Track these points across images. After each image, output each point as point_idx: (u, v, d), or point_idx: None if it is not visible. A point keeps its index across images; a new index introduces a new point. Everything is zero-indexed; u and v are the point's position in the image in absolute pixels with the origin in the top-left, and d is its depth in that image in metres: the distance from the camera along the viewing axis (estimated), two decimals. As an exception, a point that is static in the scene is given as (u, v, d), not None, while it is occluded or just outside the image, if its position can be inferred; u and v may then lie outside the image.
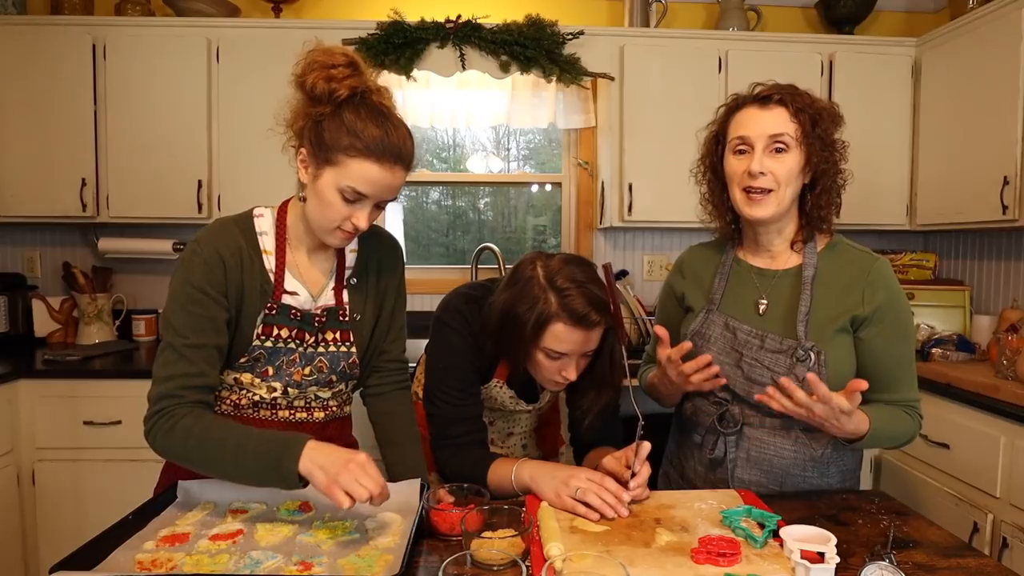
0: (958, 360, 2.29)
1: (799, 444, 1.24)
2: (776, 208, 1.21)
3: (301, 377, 1.19)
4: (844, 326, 1.20)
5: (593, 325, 1.19)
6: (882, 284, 1.21)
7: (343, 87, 1.07)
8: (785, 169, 1.19)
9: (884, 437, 1.21)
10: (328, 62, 1.07)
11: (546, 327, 1.19)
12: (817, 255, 1.25)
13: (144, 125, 2.49)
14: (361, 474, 0.96)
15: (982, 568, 0.96)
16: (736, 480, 1.27)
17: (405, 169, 1.12)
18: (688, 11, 2.97)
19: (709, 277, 1.35)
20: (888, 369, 1.22)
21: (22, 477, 2.19)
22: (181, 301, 1.10)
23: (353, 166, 1.06)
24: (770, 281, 1.28)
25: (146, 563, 0.92)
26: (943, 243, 2.93)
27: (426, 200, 3.24)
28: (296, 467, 0.97)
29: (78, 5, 2.62)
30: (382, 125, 1.08)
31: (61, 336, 2.69)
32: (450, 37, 2.52)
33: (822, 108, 1.21)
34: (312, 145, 1.09)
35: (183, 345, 1.08)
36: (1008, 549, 1.80)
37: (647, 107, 2.58)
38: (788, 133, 1.18)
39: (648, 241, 3.02)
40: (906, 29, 2.99)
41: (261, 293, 1.15)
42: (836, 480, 1.28)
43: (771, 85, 1.24)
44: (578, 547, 0.97)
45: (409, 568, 0.92)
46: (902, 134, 2.67)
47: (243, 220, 1.19)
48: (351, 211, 1.10)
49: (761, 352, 1.22)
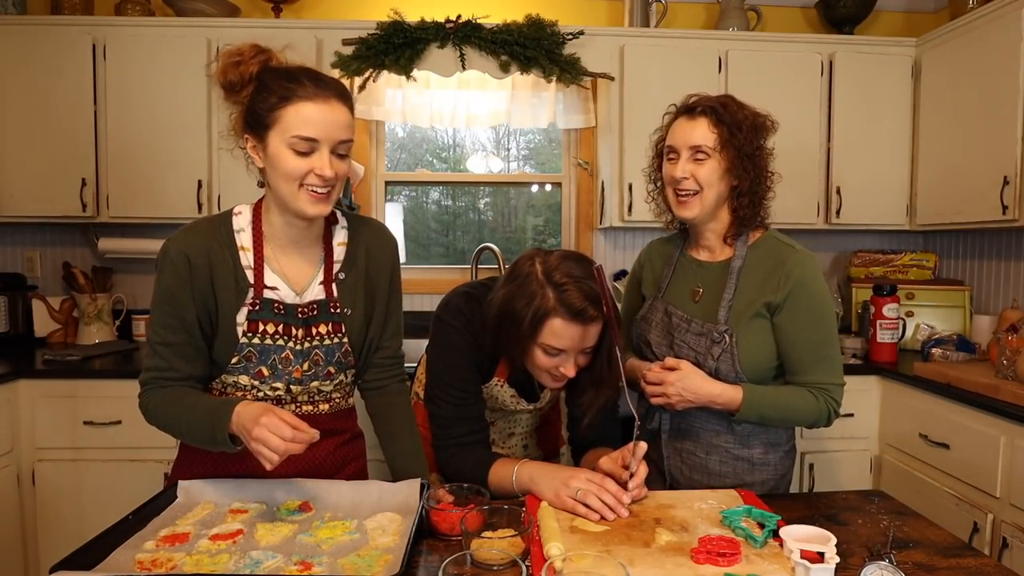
0: (958, 360, 2.28)
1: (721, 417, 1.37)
2: (700, 208, 1.34)
3: (301, 374, 1.19)
4: (760, 312, 1.31)
5: (591, 320, 1.20)
6: (795, 273, 1.30)
7: (252, 64, 1.11)
8: (704, 173, 1.32)
9: (772, 409, 1.31)
10: (235, 51, 1.12)
11: (544, 322, 1.20)
12: (747, 248, 1.37)
13: (144, 125, 2.48)
14: (277, 425, 0.99)
15: (982, 568, 0.96)
16: (671, 448, 1.43)
17: (344, 104, 1.12)
18: (688, 11, 2.97)
19: (660, 267, 1.52)
20: (800, 353, 1.32)
21: (22, 477, 2.19)
22: (155, 301, 1.16)
23: (289, 114, 1.07)
24: (707, 272, 1.42)
25: (146, 563, 0.92)
26: (943, 243, 2.93)
27: (426, 200, 3.24)
28: (226, 433, 1.05)
29: (78, 5, 2.62)
30: (305, 73, 1.10)
31: (61, 336, 2.69)
32: (450, 37, 2.52)
33: (743, 120, 1.32)
34: (249, 125, 1.12)
35: (157, 343, 1.15)
36: (1008, 549, 1.80)
37: (647, 107, 2.57)
38: (707, 144, 1.31)
39: (648, 241, 3.01)
40: (906, 29, 2.99)
41: (236, 290, 1.15)
42: (759, 452, 1.38)
43: (700, 97, 1.37)
44: (578, 547, 0.97)
45: (409, 568, 0.92)
46: (902, 134, 2.67)
47: (219, 219, 1.20)
48: (309, 163, 1.09)
49: (688, 335, 1.37)
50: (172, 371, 1.15)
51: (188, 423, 1.10)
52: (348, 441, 1.32)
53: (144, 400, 1.17)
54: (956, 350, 2.31)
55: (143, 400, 1.17)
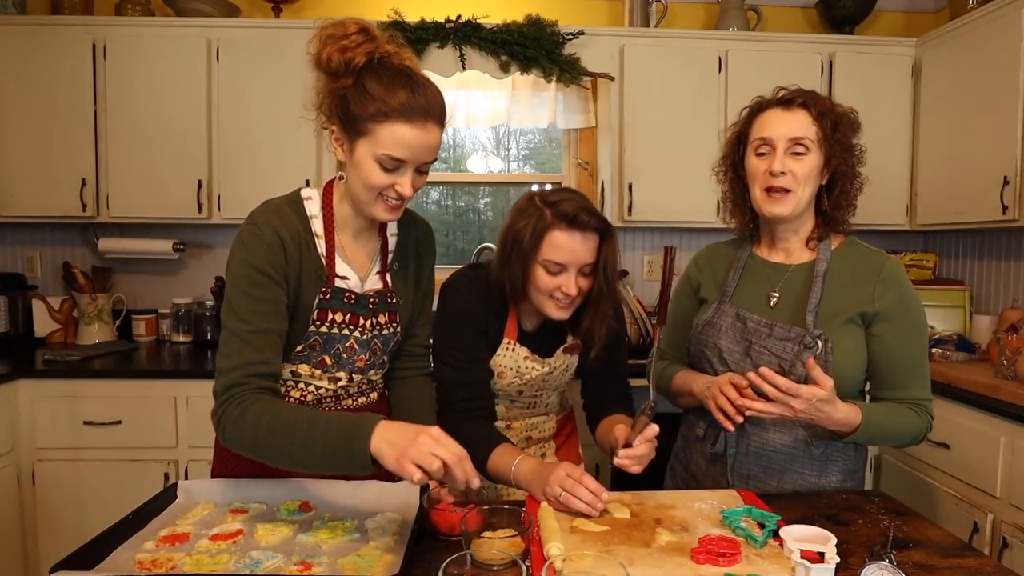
0: (958, 360, 2.28)
1: (798, 440, 1.26)
2: (794, 206, 1.24)
3: (364, 363, 1.20)
4: (853, 319, 1.22)
5: (586, 227, 1.25)
6: (893, 281, 1.23)
7: (359, 54, 1.05)
8: (805, 170, 1.22)
9: (882, 431, 1.22)
10: (340, 33, 1.06)
11: (543, 237, 1.26)
12: (831, 252, 1.29)
13: (144, 125, 2.48)
14: (434, 445, 0.92)
15: (982, 568, 0.96)
16: (735, 474, 1.29)
17: (439, 125, 1.09)
18: (688, 11, 2.97)
19: (724, 271, 1.40)
20: (897, 367, 1.24)
21: (22, 477, 2.19)
22: (243, 285, 1.06)
23: (384, 132, 1.04)
24: (783, 275, 1.31)
25: (146, 563, 0.92)
26: (943, 243, 2.93)
27: (426, 200, 3.24)
28: (368, 446, 0.93)
29: (78, 5, 2.62)
30: (406, 85, 1.05)
31: (61, 336, 2.69)
32: (450, 37, 2.52)
33: (842, 114, 1.25)
34: (341, 120, 1.08)
35: (247, 332, 1.05)
36: (1008, 549, 1.80)
37: (647, 107, 2.58)
38: (808, 136, 1.22)
39: (648, 241, 3.02)
40: (906, 29, 2.99)
41: (316, 278, 1.14)
42: (836, 479, 1.28)
43: (794, 90, 1.28)
44: (578, 547, 0.97)
45: (409, 568, 0.92)
46: (902, 134, 2.66)
47: (295, 203, 1.16)
48: (392, 179, 1.08)
49: (769, 340, 1.25)
50: (266, 364, 1.05)
51: (307, 433, 0.97)
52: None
53: (232, 410, 1.01)
54: (956, 350, 2.31)
55: (230, 409, 1.01)
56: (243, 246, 1.08)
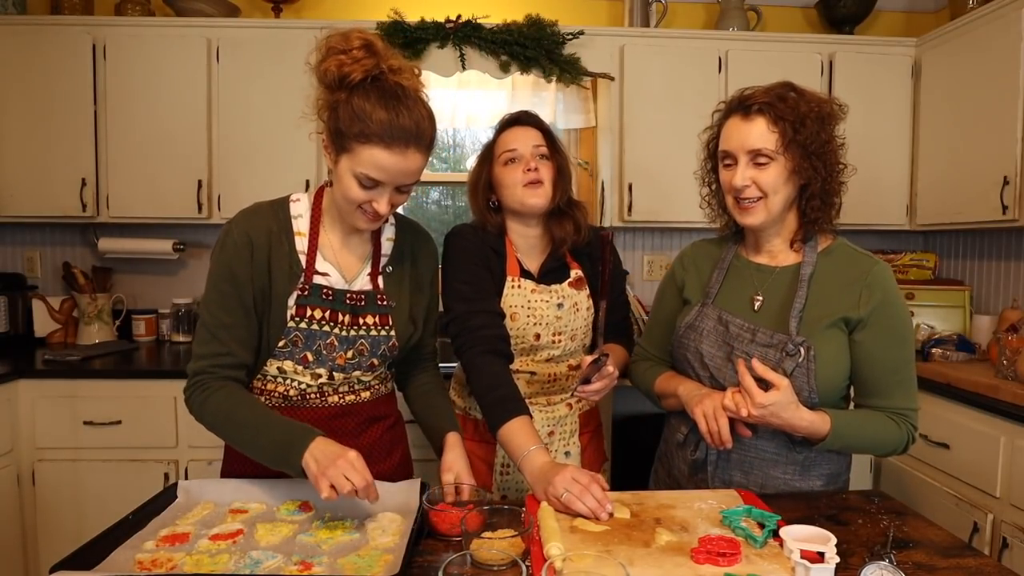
0: (958, 360, 2.29)
1: (780, 445, 1.24)
2: (766, 215, 1.22)
3: (344, 361, 1.21)
4: (836, 324, 1.19)
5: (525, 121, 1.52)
6: (879, 287, 1.19)
7: (356, 70, 1.06)
8: (770, 179, 1.19)
9: (858, 440, 1.20)
10: (342, 47, 1.08)
11: (497, 137, 1.51)
12: (817, 255, 1.25)
13: (144, 125, 2.49)
14: (349, 469, 1.01)
15: (982, 568, 0.96)
16: (717, 480, 1.27)
17: (421, 152, 1.10)
18: (688, 11, 2.97)
19: (708, 271, 1.36)
20: (879, 375, 1.20)
21: (22, 477, 2.19)
22: (213, 280, 1.15)
23: (364, 153, 1.07)
24: (767, 277, 1.28)
25: (146, 563, 0.92)
26: (943, 243, 2.93)
27: (426, 200, 3.24)
28: (300, 459, 1.04)
29: (78, 5, 2.62)
30: (392, 108, 1.06)
31: (61, 336, 2.69)
32: (450, 37, 2.52)
33: (806, 112, 1.17)
34: (330, 132, 1.11)
35: (214, 325, 1.14)
36: (1008, 549, 1.80)
37: (647, 107, 2.58)
38: (767, 146, 1.17)
39: (648, 241, 3.02)
40: (906, 29, 2.99)
41: (289, 275, 1.17)
42: (819, 484, 1.26)
43: (756, 90, 1.22)
44: (578, 547, 0.97)
45: (409, 568, 0.92)
46: (902, 134, 2.67)
47: (278, 204, 1.22)
48: (370, 196, 1.11)
49: (752, 346, 1.22)
50: (230, 356, 1.14)
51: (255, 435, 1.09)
52: (393, 425, 1.35)
53: (198, 395, 1.13)
54: (956, 350, 2.31)
55: (196, 395, 1.13)
56: (217, 245, 1.17)
